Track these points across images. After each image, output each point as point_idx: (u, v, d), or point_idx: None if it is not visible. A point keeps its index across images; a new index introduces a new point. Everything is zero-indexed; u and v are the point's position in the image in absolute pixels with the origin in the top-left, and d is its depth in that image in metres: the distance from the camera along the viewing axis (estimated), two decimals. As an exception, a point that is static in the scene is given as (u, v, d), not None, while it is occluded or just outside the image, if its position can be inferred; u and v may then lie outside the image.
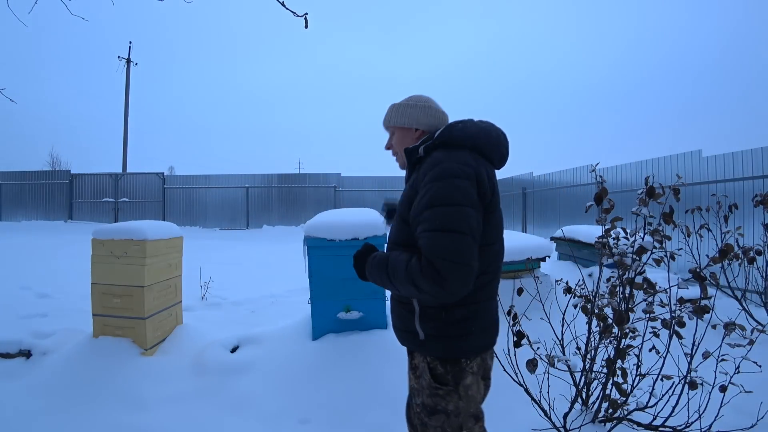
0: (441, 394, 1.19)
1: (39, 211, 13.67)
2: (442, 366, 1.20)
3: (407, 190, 1.23)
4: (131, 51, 18.20)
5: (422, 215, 1.09)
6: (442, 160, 1.14)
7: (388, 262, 1.16)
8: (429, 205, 1.08)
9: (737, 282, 3.38)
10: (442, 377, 1.20)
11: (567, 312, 2.06)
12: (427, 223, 1.07)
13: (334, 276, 2.89)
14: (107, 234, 2.86)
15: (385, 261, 1.18)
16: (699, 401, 1.75)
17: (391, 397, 2.25)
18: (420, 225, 1.10)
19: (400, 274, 1.10)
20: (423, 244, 1.07)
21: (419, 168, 1.22)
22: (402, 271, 1.09)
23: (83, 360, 2.66)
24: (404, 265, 1.10)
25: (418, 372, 1.24)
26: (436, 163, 1.14)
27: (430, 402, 1.21)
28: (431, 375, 1.20)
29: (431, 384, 1.20)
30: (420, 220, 1.10)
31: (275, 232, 12.74)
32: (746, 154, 4.86)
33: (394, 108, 1.38)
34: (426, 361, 1.21)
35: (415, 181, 1.20)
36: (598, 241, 1.95)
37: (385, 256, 1.20)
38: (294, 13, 2.38)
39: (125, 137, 17.86)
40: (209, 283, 4.84)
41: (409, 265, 1.08)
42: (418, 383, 1.25)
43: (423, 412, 1.23)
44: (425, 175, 1.14)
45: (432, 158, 1.17)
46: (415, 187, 1.17)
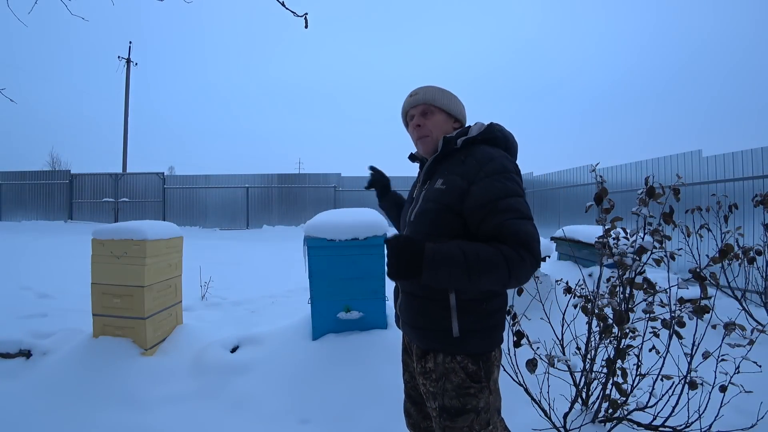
0: (472, 392, 1.16)
1: (39, 211, 13.67)
2: (474, 363, 1.16)
3: (456, 180, 1.16)
4: (131, 51, 18.22)
5: (497, 204, 1.09)
6: (494, 155, 1.17)
7: (464, 252, 1.03)
8: (502, 195, 1.10)
9: (737, 282, 3.38)
10: (475, 374, 1.16)
11: (567, 312, 2.06)
12: (511, 213, 1.08)
13: (334, 276, 2.89)
14: (107, 234, 2.86)
15: (457, 250, 1.03)
16: (699, 401, 1.75)
17: (391, 396, 2.25)
18: (496, 215, 1.08)
19: (489, 262, 1.01)
20: (513, 230, 1.05)
21: (464, 160, 1.19)
22: (492, 259, 1.02)
23: (83, 360, 2.66)
24: (493, 252, 1.03)
25: (436, 374, 1.19)
26: (489, 157, 1.16)
27: (455, 403, 1.16)
28: (465, 374, 1.15)
29: (462, 384, 1.15)
30: (495, 210, 1.08)
31: (275, 232, 12.73)
32: (746, 154, 4.86)
33: (439, 90, 1.31)
34: (455, 361, 1.16)
35: (466, 172, 1.15)
36: (598, 241, 1.95)
37: (453, 246, 1.05)
38: (294, 13, 2.38)
39: (125, 137, 17.86)
40: (209, 283, 4.84)
41: (500, 253, 1.02)
42: (436, 386, 1.19)
43: (443, 416, 1.17)
44: (481, 167, 1.14)
45: (481, 152, 1.18)
46: (469, 178, 1.14)
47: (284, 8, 2.38)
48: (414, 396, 1.39)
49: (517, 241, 1.04)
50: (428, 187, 1.26)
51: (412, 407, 1.41)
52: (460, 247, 1.04)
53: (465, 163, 1.18)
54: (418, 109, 1.31)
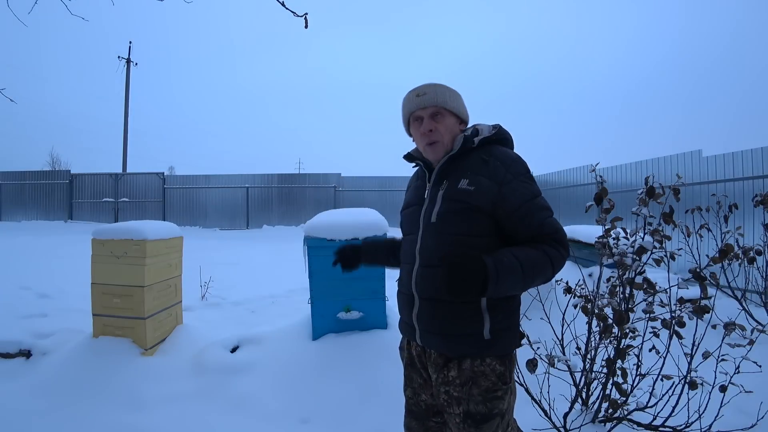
0: (500, 394, 1.15)
1: (39, 211, 13.65)
2: (502, 364, 1.16)
3: (484, 182, 1.16)
4: (131, 51, 18.22)
5: (531, 204, 1.15)
6: (515, 157, 1.22)
7: (519, 260, 1.07)
8: (533, 195, 1.17)
9: (737, 282, 3.38)
10: (503, 375, 1.16)
11: (567, 312, 2.06)
12: (545, 211, 1.16)
13: (334, 276, 2.88)
14: (107, 234, 2.86)
15: (514, 260, 1.07)
16: (699, 401, 1.75)
17: (391, 397, 2.25)
18: (534, 214, 1.14)
19: (541, 265, 1.10)
20: (551, 228, 1.15)
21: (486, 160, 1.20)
22: (542, 262, 1.10)
23: (83, 360, 2.66)
24: (541, 255, 1.11)
25: (461, 380, 1.15)
26: (512, 159, 1.20)
27: (482, 409, 1.14)
28: (496, 377, 1.15)
29: (491, 387, 1.14)
30: (531, 210, 1.15)
31: (275, 232, 12.72)
32: (746, 154, 4.86)
33: (449, 91, 1.27)
34: (485, 363, 1.15)
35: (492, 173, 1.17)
36: (598, 241, 1.95)
37: (509, 256, 1.08)
38: (294, 13, 2.38)
39: (125, 137, 17.86)
40: (209, 283, 4.83)
41: (545, 254, 1.11)
42: (462, 391, 1.15)
43: (467, 422, 1.14)
44: (508, 168, 1.18)
45: (502, 153, 1.21)
46: (497, 180, 1.16)
47: (284, 8, 2.38)
48: (416, 412, 1.34)
49: (555, 238, 1.14)
50: (447, 187, 1.21)
51: (413, 422, 1.36)
52: (514, 255, 1.08)
53: (489, 164, 1.19)
54: (427, 111, 1.24)
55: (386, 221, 2.96)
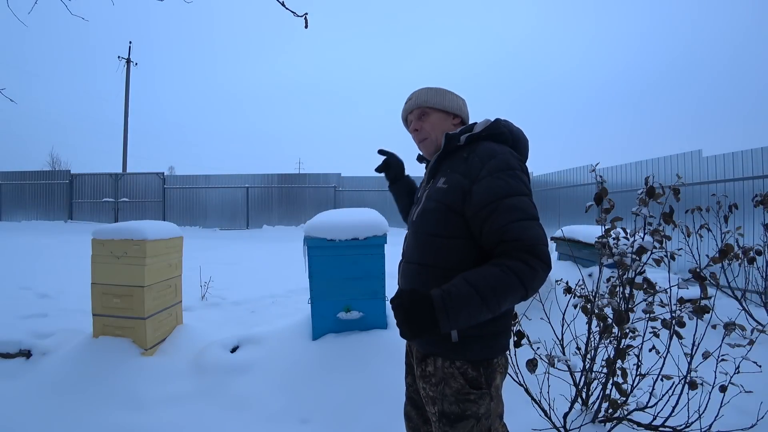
0: (472, 398, 1.13)
1: (39, 211, 13.66)
2: (474, 369, 1.13)
3: (457, 178, 1.13)
4: (131, 51, 18.23)
5: (500, 204, 1.04)
6: (498, 151, 1.13)
7: (474, 287, 0.97)
8: (505, 194, 1.05)
9: (737, 282, 3.38)
10: (475, 380, 1.13)
11: (567, 312, 2.06)
12: (515, 213, 1.03)
13: (334, 276, 2.89)
14: (107, 234, 2.86)
15: (467, 288, 0.97)
16: (699, 401, 1.75)
17: (391, 396, 2.25)
18: (499, 216, 1.03)
19: (503, 287, 0.97)
20: (518, 233, 1.01)
21: (467, 157, 1.15)
22: (504, 282, 0.97)
23: (83, 360, 2.66)
24: (502, 274, 0.98)
25: (436, 379, 1.16)
26: (493, 153, 1.12)
27: (455, 409, 1.13)
28: (464, 379, 1.13)
29: (462, 389, 1.13)
30: (497, 210, 1.04)
31: (275, 232, 12.73)
32: (746, 154, 4.86)
33: (431, 90, 1.30)
34: (454, 366, 1.14)
35: (467, 170, 1.12)
36: (598, 241, 1.95)
37: (460, 284, 0.99)
38: (294, 13, 2.38)
39: (125, 137, 17.86)
40: (209, 283, 4.83)
41: (510, 271, 0.98)
42: (435, 390, 1.16)
43: (442, 421, 1.15)
44: (483, 164, 1.10)
45: (485, 148, 1.14)
46: (470, 176, 1.10)
47: (284, 8, 2.38)
48: (416, 399, 1.37)
49: (522, 247, 1.00)
50: (431, 186, 1.23)
51: (413, 410, 1.39)
52: (468, 282, 0.98)
53: (468, 160, 1.14)
54: (414, 113, 1.32)
55: (386, 221, 2.96)
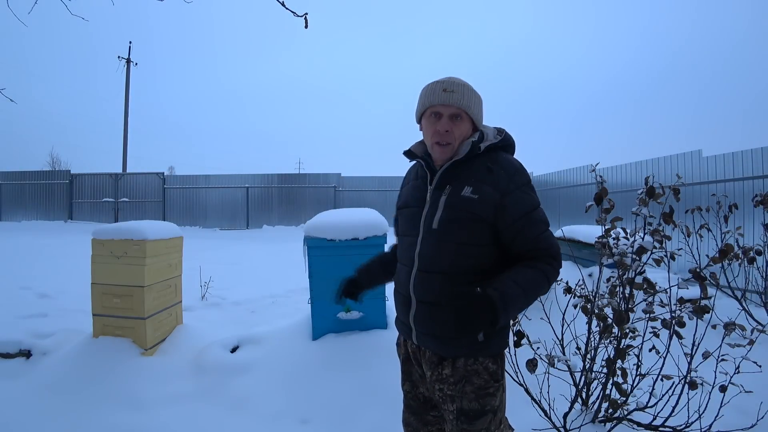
0: (491, 392, 1.19)
1: (39, 211, 13.66)
2: (494, 362, 1.21)
3: (488, 190, 1.16)
4: (131, 51, 18.22)
5: (529, 217, 1.17)
6: (518, 166, 1.23)
7: (521, 287, 1.11)
8: (532, 207, 1.19)
9: (737, 282, 3.38)
10: (495, 373, 1.21)
11: (567, 312, 2.05)
12: (542, 225, 1.19)
13: (334, 276, 2.87)
14: (107, 234, 2.86)
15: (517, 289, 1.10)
16: (699, 401, 1.75)
17: (391, 397, 2.24)
18: (531, 227, 1.17)
19: (540, 286, 1.15)
20: (547, 243, 1.18)
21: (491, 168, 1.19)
22: (542, 282, 1.15)
23: (83, 360, 2.66)
24: (540, 275, 1.15)
25: (455, 378, 1.19)
26: (516, 168, 1.21)
27: (475, 406, 1.18)
28: (488, 374, 1.20)
29: (484, 385, 1.18)
30: (529, 223, 1.17)
31: (275, 232, 12.73)
32: (746, 154, 4.86)
33: (475, 95, 1.23)
34: (478, 362, 1.19)
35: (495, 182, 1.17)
36: (598, 241, 1.95)
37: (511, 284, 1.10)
38: (294, 13, 2.38)
39: (125, 137, 17.86)
40: (209, 283, 4.83)
41: (542, 273, 1.15)
42: (455, 389, 1.19)
43: (461, 419, 1.18)
44: (511, 177, 1.18)
45: (506, 161, 1.22)
46: (500, 189, 1.16)
47: (284, 8, 2.38)
48: (414, 406, 1.38)
49: (550, 254, 1.18)
50: (451, 192, 1.19)
51: (411, 416, 1.39)
52: (516, 282, 1.11)
53: (493, 172, 1.18)
54: (449, 109, 1.19)
55: (386, 221, 2.96)
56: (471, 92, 1.21)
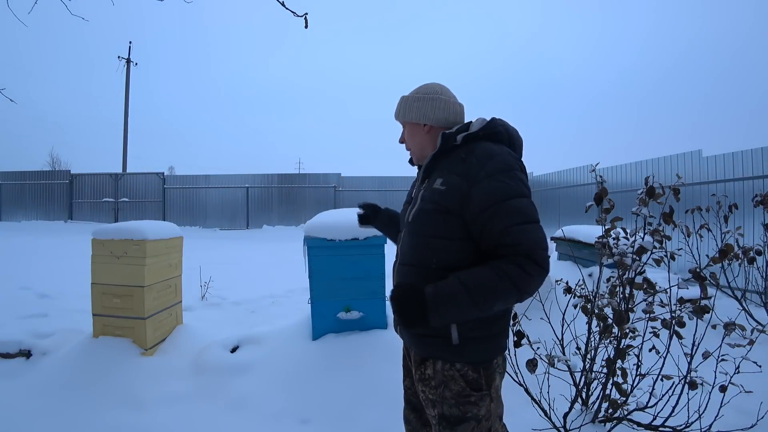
0: (473, 400, 1.13)
1: (39, 211, 13.66)
2: (475, 370, 1.13)
3: (454, 179, 1.11)
4: (131, 51, 18.22)
5: (499, 207, 1.04)
6: (497, 151, 1.11)
7: (465, 286, 1.01)
8: (504, 197, 1.05)
9: (737, 282, 3.38)
10: (476, 382, 1.13)
11: (567, 312, 2.06)
12: (514, 217, 1.03)
13: (334, 276, 2.89)
14: (107, 234, 2.86)
15: (458, 287, 1.02)
16: (699, 401, 1.75)
17: (391, 397, 2.25)
18: (499, 219, 1.03)
19: (494, 288, 1.00)
20: (516, 238, 1.02)
21: (465, 157, 1.13)
22: (497, 283, 1.00)
23: (83, 360, 2.66)
24: (495, 276, 1.00)
25: (435, 382, 1.15)
26: (491, 154, 1.10)
27: (455, 411, 1.13)
28: (465, 382, 1.12)
29: (462, 392, 1.12)
30: (497, 214, 1.04)
31: (275, 232, 12.73)
32: (746, 154, 4.86)
33: (402, 101, 1.30)
34: (455, 368, 1.13)
35: (466, 171, 1.10)
36: (598, 241, 1.95)
37: (453, 283, 1.03)
38: (294, 13, 2.38)
39: (125, 137, 17.86)
40: (209, 283, 4.83)
41: (503, 273, 1.00)
42: (435, 393, 1.15)
43: (443, 424, 1.14)
44: (482, 165, 1.08)
45: (482, 148, 1.12)
46: (469, 178, 1.08)
47: (284, 8, 2.38)
48: (414, 402, 1.37)
49: (520, 252, 1.01)
50: (427, 186, 1.20)
51: (412, 414, 1.38)
52: (461, 281, 1.02)
53: (466, 161, 1.12)
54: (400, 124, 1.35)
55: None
56: (406, 102, 1.29)
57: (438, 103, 1.25)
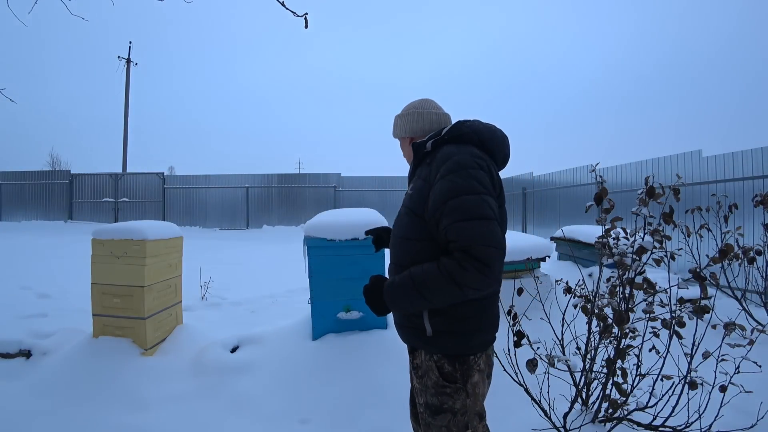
0: (448, 392, 1.19)
1: (39, 211, 13.66)
2: (450, 363, 1.19)
3: (420, 183, 1.22)
4: (131, 51, 18.22)
5: (446, 206, 1.09)
6: (454, 152, 1.17)
7: (413, 279, 1.12)
8: (451, 195, 1.09)
9: (737, 282, 3.38)
10: (450, 375, 1.19)
11: (567, 312, 2.06)
12: (456, 214, 1.07)
13: (334, 276, 2.89)
14: (107, 234, 2.86)
15: (407, 280, 1.13)
16: (699, 401, 1.75)
17: (391, 397, 2.25)
18: (445, 217, 1.09)
19: (434, 281, 1.07)
20: (456, 234, 1.06)
21: (430, 162, 1.23)
22: (436, 277, 1.07)
23: (83, 360, 2.66)
24: (436, 270, 1.08)
25: (421, 371, 1.23)
26: (448, 156, 1.16)
27: (435, 401, 1.20)
28: (439, 373, 1.19)
29: (438, 382, 1.19)
30: (444, 212, 1.09)
31: (275, 232, 12.73)
32: (746, 154, 4.86)
33: (398, 120, 1.44)
34: (432, 360, 1.20)
35: (428, 175, 1.19)
36: (598, 241, 1.95)
37: (405, 275, 1.15)
38: (294, 13, 2.38)
39: (125, 137, 17.86)
40: (209, 283, 4.84)
41: (442, 267, 1.06)
42: (420, 383, 1.23)
43: (426, 412, 1.22)
44: (439, 167, 1.16)
45: (443, 152, 1.19)
46: (429, 181, 1.18)
47: (284, 8, 2.38)
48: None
49: (458, 247, 1.05)
50: (406, 192, 1.32)
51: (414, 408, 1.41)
52: (411, 275, 1.13)
53: (430, 165, 1.21)
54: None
55: (386, 221, 2.96)
56: (397, 121, 1.43)
57: (419, 116, 1.38)
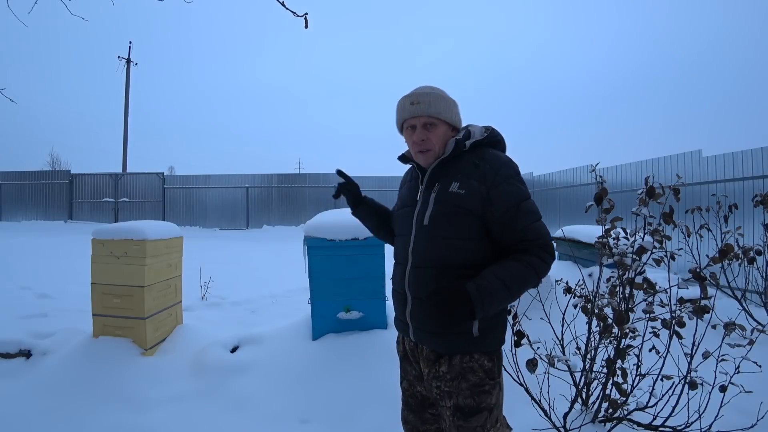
0: (487, 389, 1.20)
1: (39, 211, 13.67)
2: (490, 360, 1.22)
3: (474, 185, 1.19)
4: (131, 51, 18.22)
5: (518, 209, 1.17)
6: (506, 160, 1.24)
7: (502, 280, 1.12)
8: (522, 198, 1.19)
9: (737, 282, 3.38)
10: (491, 371, 1.21)
11: (567, 312, 2.06)
12: (531, 216, 1.19)
13: (334, 276, 2.89)
14: (107, 234, 2.86)
15: (500, 285, 1.12)
16: (699, 401, 1.75)
17: (391, 397, 2.24)
18: (521, 219, 1.17)
19: (526, 279, 1.15)
20: (536, 234, 1.17)
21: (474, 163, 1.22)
22: (529, 275, 1.15)
23: (83, 360, 2.66)
24: (525, 268, 1.15)
25: (451, 375, 1.21)
26: (504, 161, 1.23)
27: (470, 402, 1.19)
28: (483, 371, 1.20)
29: (481, 381, 1.19)
30: (518, 214, 1.17)
31: (275, 232, 12.74)
32: (746, 154, 4.86)
33: (442, 99, 1.26)
34: (473, 359, 1.20)
35: (482, 177, 1.19)
36: (598, 241, 1.95)
37: (491, 279, 1.12)
38: (294, 13, 2.38)
39: (125, 137, 17.86)
40: (209, 283, 4.84)
41: (532, 265, 1.15)
42: (451, 386, 1.21)
43: (457, 415, 1.20)
44: (497, 171, 1.20)
45: (492, 156, 1.24)
46: (486, 183, 1.19)
47: (284, 8, 2.38)
48: (412, 404, 1.39)
49: (539, 245, 1.17)
50: (440, 190, 1.24)
51: (410, 414, 1.40)
52: (497, 276, 1.13)
53: (479, 167, 1.21)
54: (420, 120, 1.24)
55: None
56: (438, 98, 1.25)
57: (455, 108, 1.31)
